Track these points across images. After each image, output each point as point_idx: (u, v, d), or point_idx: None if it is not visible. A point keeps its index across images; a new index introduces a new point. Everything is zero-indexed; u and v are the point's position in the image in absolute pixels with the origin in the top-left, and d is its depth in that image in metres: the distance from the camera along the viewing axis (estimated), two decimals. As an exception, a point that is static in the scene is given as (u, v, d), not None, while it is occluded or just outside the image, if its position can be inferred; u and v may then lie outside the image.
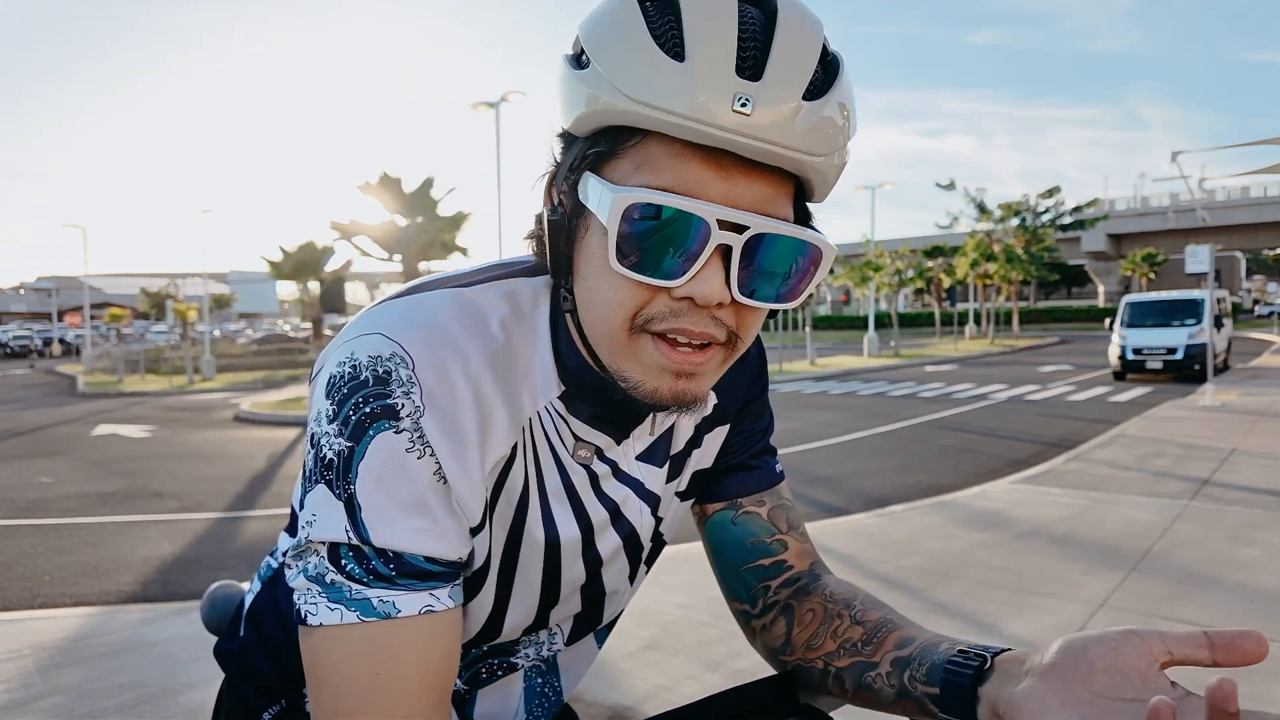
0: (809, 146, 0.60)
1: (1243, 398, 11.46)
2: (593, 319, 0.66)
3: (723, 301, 0.62)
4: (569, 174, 0.66)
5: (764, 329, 0.75)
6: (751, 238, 0.61)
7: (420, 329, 0.66)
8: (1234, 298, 55.21)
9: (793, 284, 0.65)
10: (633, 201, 0.60)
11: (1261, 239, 58.23)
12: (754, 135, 0.58)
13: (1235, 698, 0.47)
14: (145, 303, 44.90)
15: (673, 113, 0.58)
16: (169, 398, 18.11)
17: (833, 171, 0.65)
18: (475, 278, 0.74)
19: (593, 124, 0.63)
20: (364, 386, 0.63)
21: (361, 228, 19.69)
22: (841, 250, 42.18)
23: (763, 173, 0.62)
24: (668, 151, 0.61)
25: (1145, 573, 3.98)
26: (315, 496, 0.65)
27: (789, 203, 0.65)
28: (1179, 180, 14.80)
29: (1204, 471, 6.42)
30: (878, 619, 0.78)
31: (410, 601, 0.64)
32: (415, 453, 0.64)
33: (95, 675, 3.08)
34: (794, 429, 10.33)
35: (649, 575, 0.93)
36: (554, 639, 0.86)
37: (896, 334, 31.69)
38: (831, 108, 0.62)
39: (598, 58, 0.62)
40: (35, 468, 8.69)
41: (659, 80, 0.58)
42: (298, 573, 0.65)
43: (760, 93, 0.58)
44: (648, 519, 0.83)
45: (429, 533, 0.65)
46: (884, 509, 5.67)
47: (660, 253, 0.61)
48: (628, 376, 0.65)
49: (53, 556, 5.22)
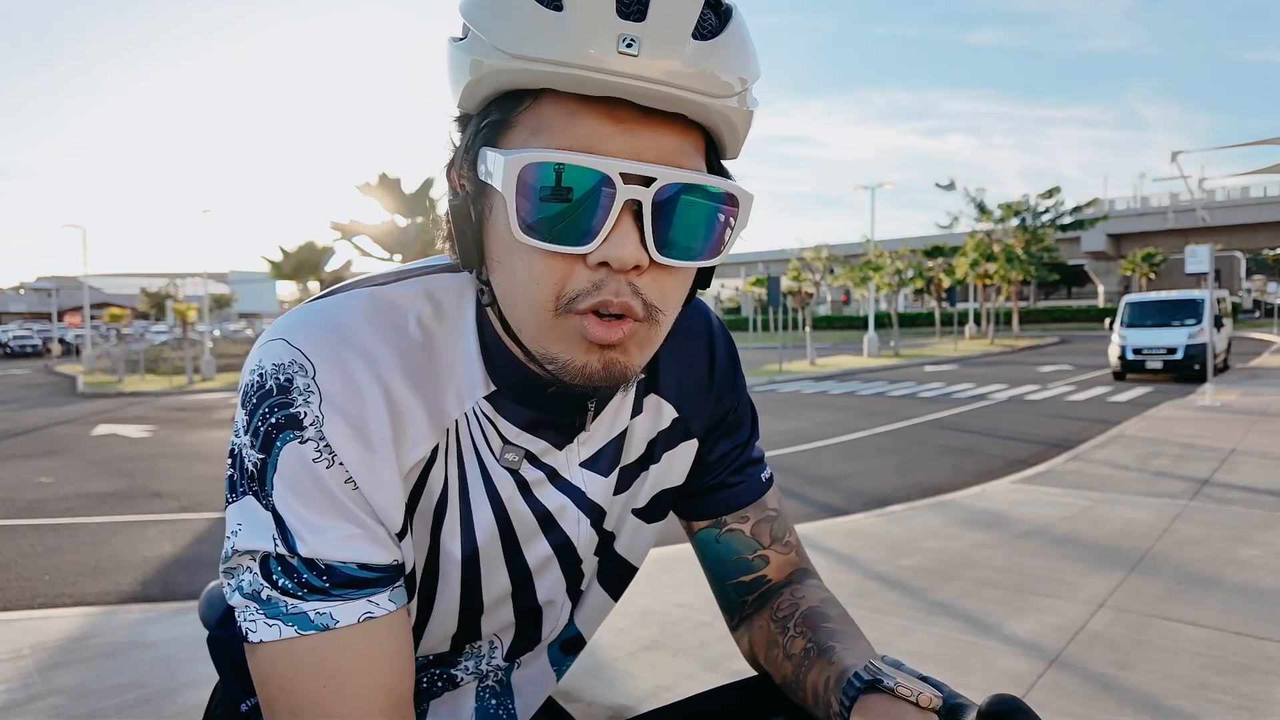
0: (706, 87, 0.57)
1: (1242, 398, 11.46)
2: (514, 304, 0.63)
3: (640, 264, 0.59)
4: (466, 153, 0.63)
5: (764, 329, 0.74)
6: (662, 192, 0.58)
7: (322, 333, 0.64)
8: (1234, 298, 55.19)
9: (714, 238, 0.62)
10: (527, 163, 0.56)
11: (1261, 239, 58.22)
12: (645, 77, 0.55)
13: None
14: (145, 303, 44.90)
15: (556, 62, 0.55)
16: (169, 398, 18.11)
17: (740, 119, 0.62)
18: (395, 277, 0.71)
19: (481, 93, 0.61)
20: (269, 396, 0.62)
21: (361, 228, 19.71)
22: (841, 250, 42.26)
23: (665, 122, 0.59)
24: (561, 110, 0.58)
25: (1145, 573, 3.98)
26: (242, 507, 0.63)
27: (699, 156, 0.62)
28: (1179, 180, 14.81)
29: (1204, 471, 6.42)
30: (800, 650, 0.76)
31: (348, 611, 0.62)
32: (323, 462, 0.62)
33: (95, 675, 3.08)
34: (794, 429, 10.33)
35: (648, 576, 0.93)
36: (494, 651, 0.83)
37: (896, 334, 31.67)
38: (726, 47, 0.59)
39: (476, 23, 0.59)
40: (35, 468, 8.69)
41: (539, 32, 0.56)
42: (233, 590, 0.63)
43: (645, 32, 0.55)
44: (586, 529, 0.79)
45: (358, 539, 0.63)
46: (884, 509, 5.67)
47: (565, 217, 0.57)
48: (555, 357, 0.62)
49: (52, 556, 5.21)
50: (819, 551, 4.54)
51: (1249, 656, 2.98)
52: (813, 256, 34.77)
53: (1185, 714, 2.59)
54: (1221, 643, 3.10)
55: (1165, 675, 2.83)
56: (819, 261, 34.79)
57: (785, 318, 32.96)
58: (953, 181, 37.81)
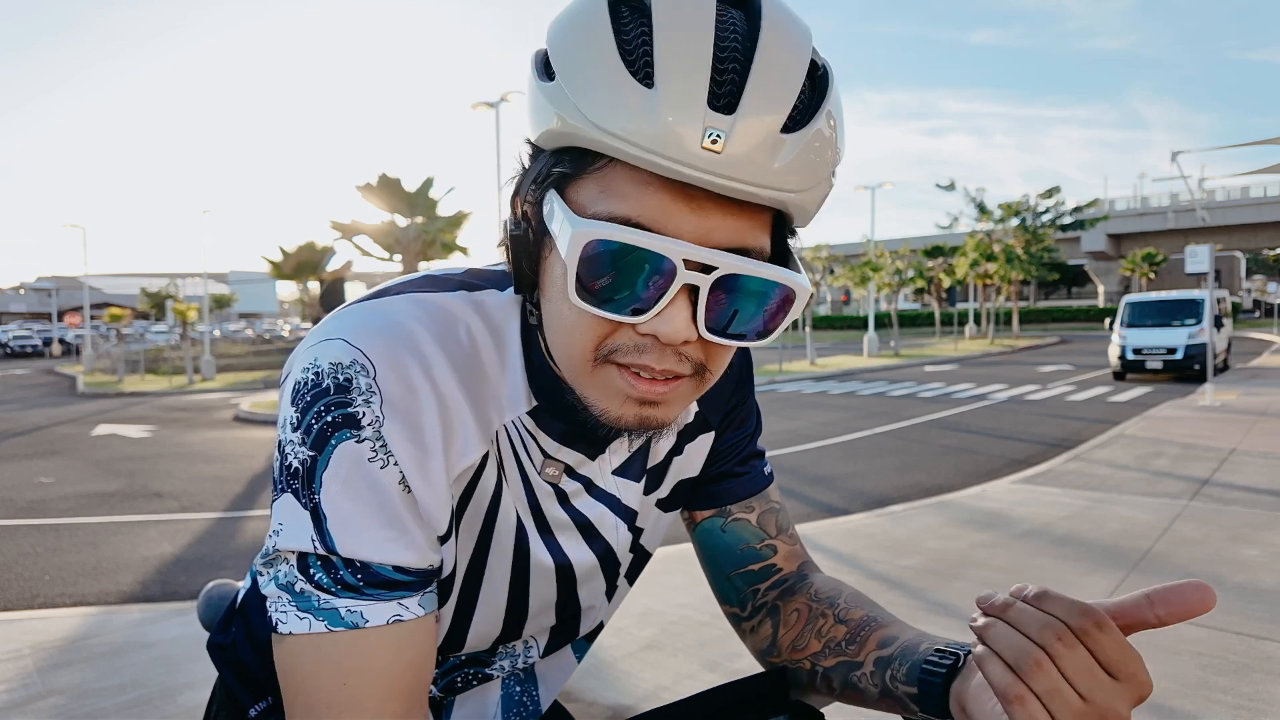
0: (786, 184, 0.56)
1: (1242, 398, 11.46)
2: (556, 343, 0.64)
3: (689, 339, 0.59)
4: (534, 187, 0.63)
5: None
6: (721, 276, 0.58)
7: (382, 335, 0.64)
8: (1234, 298, 55.21)
9: (763, 323, 0.62)
10: (593, 238, 0.56)
11: (1261, 239, 58.20)
12: (725, 174, 0.54)
13: (1040, 590, 0.54)
14: (145, 303, 44.80)
15: (638, 145, 0.54)
16: (169, 398, 18.11)
17: (814, 204, 0.61)
18: (444, 285, 0.71)
19: (557, 143, 0.60)
20: (325, 394, 0.62)
21: (361, 228, 19.68)
22: (841, 250, 42.25)
23: (738, 206, 0.58)
24: (634, 179, 0.57)
25: (1145, 573, 3.98)
26: (282, 505, 0.64)
27: (765, 234, 0.61)
28: (1179, 180, 14.83)
29: (1204, 471, 6.42)
30: (861, 617, 0.78)
31: (378, 611, 0.63)
32: (378, 462, 0.62)
33: (95, 675, 3.08)
34: (794, 429, 10.33)
35: (649, 575, 0.94)
36: (530, 651, 0.85)
37: (896, 334, 31.68)
38: (815, 138, 0.57)
39: (564, 73, 0.58)
40: (35, 468, 8.69)
41: (625, 108, 0.54)
42: (269, 580, 0.65)
43: (734, 127, 0.54)
44: (624, 535, 0.81)
45: (396, 542, 0.64)
46: (884, 509, 5.67)
47: (623, 290, 0.58)
48: (591, 403, 0.64)
49: (52, 557, 5.21)
50: (819, 551, 4.54)
51: (1249, 656, 2.98)
52: (812, 256, 34.76)
53: (1185, 714, 2.59)
54: (1221, 642, 3.10)
55: (1165, 675, 2.83)
56: (819, 261, 34.80)
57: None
58: (953, 182, 37.81)
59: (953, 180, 38.00)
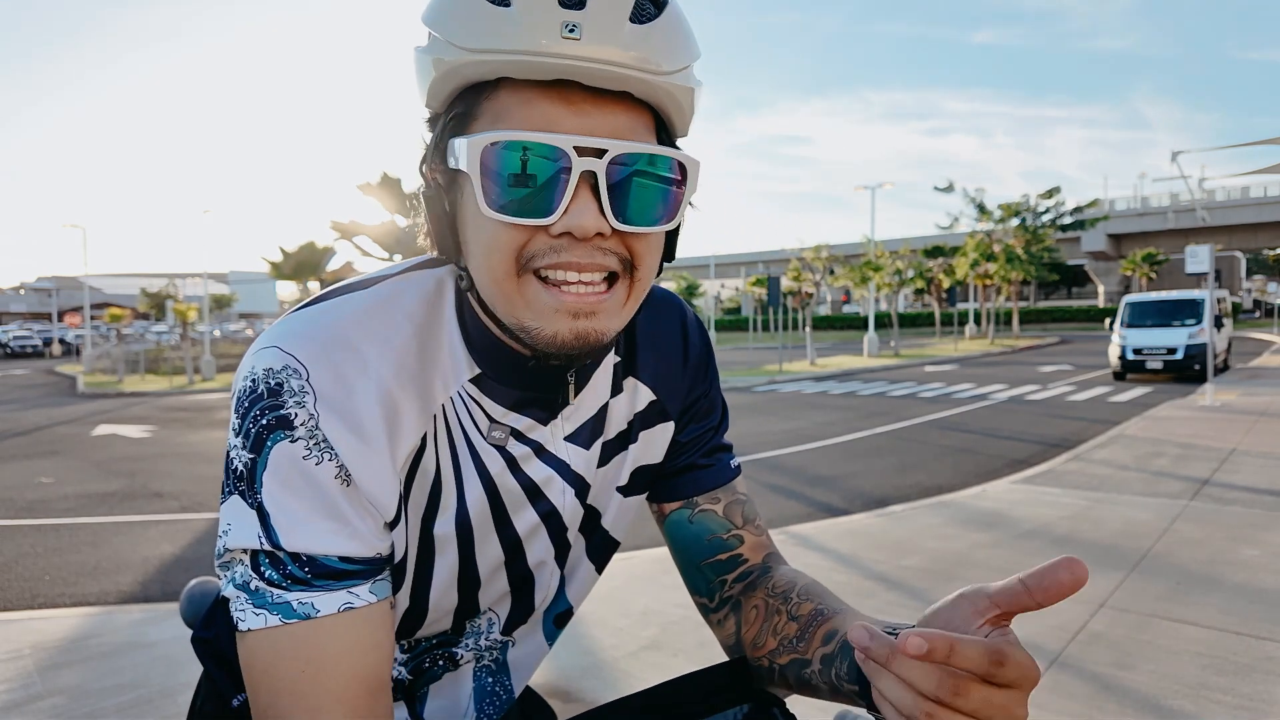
0: (645, 64, 0.63)
1: (1243, 398, 11.46)
2: (483, 279, 0.68)
3: (601, 231, 0.64)
4: (435, 147, 0.69)
5: (764, 329, 0.75)
6: (616, 163, 0.63)
7: (314, 338, 0.68)
8: (1234, 298, 55.20)
9: (669, 204, 0.67)
10: (488, 143, 0.62)
11: (1261, 239, 58.21)
12: (588, 58, 0.61)
13: (925, 646, 0.51)
14: (145, 303, 44.84)
15: (507, 51, 0.61)
16: (169, 398, 18.11)
17: (684, 95, 0.67)
18: (378, 277, 0.76)
19: (445, 89, 0.66)
20: (260, 399, 0.66)
21: (362, 228, 19.71)
22: (842, 250, 42.29)
23: (615, 102, 0.64)
24: (518, 98, 0.63)
25: (1145, 573, 3.98)
26: (230, 506, 0.67)
27: (649, 133, 0.67)
28: (1179, 180, 14.83)
29: (1204, 471, 6.42)
30: (809, 611, 0.79)
31: (328, 601, 0.67)
32: (313, 458, 0.66)
33: (95, 675, 3.08)
34: (794, 429, 10.34)
35: (649, 575, 0.94)
36: (492, 627, 0.87)
37: (896, 334, 31.67)
38: (662, 30, 0.64)
39: (435, 26, 0.65)
40: (35, 468, 8.69)
41: (490, 26, 0.62)
42: (227, 582, 0.68)
43: (586, 19, 0.61)
44: (571, 500, 0.84)
45: (339, 534, 0.67)
46: (884, 509, 5.67)
47: (527, 191, 0.63)
48: (526, 326, 0.67)
49: (52, 557, 5.21)
50: (819, 551, 4.54)
51: (1249, 656, 2.98)
52: (813, 256, 34.78)
53: (1185, 714, 2.59)
54: (1221, 643, 3.10)
55: (1165, 675, 2.83)
56: (819, 261, 34.80)
57: (785, 318, 32.97)
58: (950, 184, 37.82)
59: (950, 182, 37.95)
